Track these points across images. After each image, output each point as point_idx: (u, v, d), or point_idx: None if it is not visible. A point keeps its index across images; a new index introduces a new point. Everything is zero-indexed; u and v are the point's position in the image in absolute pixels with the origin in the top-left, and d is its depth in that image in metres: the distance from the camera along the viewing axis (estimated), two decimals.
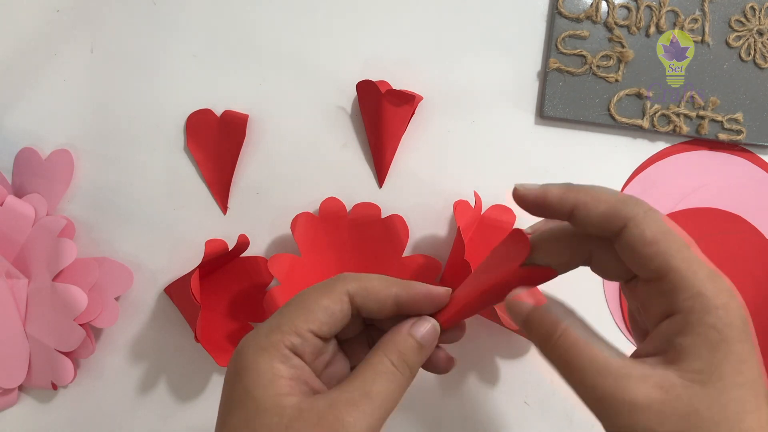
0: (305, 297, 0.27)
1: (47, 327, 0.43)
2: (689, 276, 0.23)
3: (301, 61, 0.47)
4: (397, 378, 0.26)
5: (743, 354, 0.23)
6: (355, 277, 0.27)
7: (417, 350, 0.28)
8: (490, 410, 0.46)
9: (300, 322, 0.26)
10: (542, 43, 0.47)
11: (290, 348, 0.25)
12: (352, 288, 0.27)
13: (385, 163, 0.46)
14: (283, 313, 0.26)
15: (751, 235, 0.47)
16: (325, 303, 0.26)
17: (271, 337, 0.25)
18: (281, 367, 0.25)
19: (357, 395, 0.25)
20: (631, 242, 0.24)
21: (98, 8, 0.47)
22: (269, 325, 0.26)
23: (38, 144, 0.46)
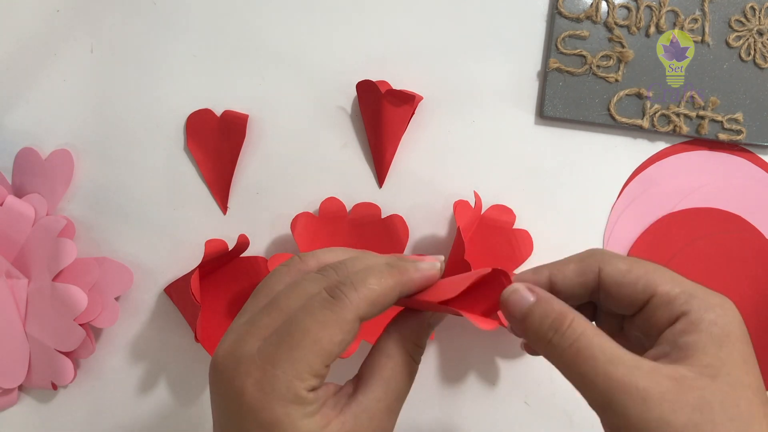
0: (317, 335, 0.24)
1: (47, 327, 0.43)
2: (677, 285, 0.25)
3: (301, 61, 0.47)
4: (415, 371, 0.27)
5: (746, 353, 0.23)
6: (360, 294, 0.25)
7: (427, 337, 0.28)
8: (490, 410, 0.46)
9: (317, 364, 0.24)
10: (542, 43, 0.47)
11: (312, 389, 0.24)
12: (362, 312, 0.25)
13: (385, 163, 0.46)
14: (295, 356, 0.24)
15: (751, 235, 0.47)
16: (340, 338, 0.24)
17: (293, 389, 0.23)
18: (311, 408, 0.24)
19: (392, 401, 0.26)
20: (612, 277, 0.26)
21: (98, 8, 0.47)
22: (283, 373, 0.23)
23: (38, 144, 0.46)
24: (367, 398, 0.25)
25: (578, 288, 0.27)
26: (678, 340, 0.24)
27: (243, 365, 0.24)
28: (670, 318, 0.25)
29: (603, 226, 0.47)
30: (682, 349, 0.23)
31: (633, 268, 0.26)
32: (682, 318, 0.24)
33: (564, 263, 0.27)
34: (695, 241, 0.47)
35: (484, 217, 0.46)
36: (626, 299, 0.26)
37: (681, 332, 0.24)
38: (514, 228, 0.46)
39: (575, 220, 0.47)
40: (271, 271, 0.28)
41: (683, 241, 0.47)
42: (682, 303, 0.24)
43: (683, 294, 0.25)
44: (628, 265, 0.26)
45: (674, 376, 0.23)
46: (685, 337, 0.24)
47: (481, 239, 0.46)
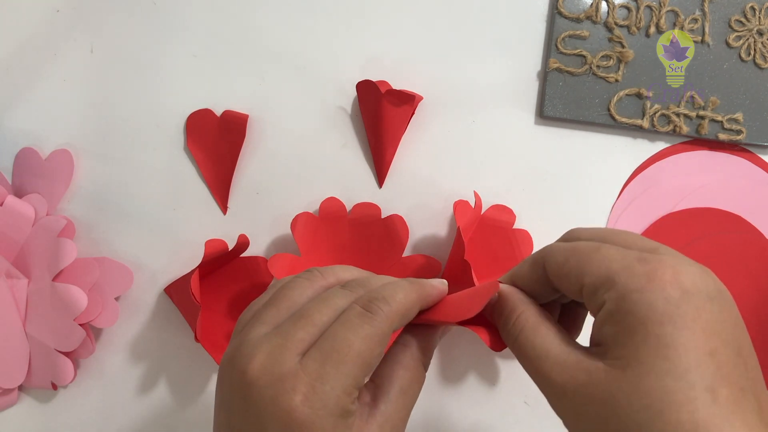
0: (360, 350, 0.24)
1: (47, 327, 0.43)
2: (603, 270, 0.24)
3: (301, 61, 0.47)
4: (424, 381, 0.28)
5: (668, 338, 0.22)
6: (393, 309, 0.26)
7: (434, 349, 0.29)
8: (490, 410, 0.46)
9: (361, 377, 0.25)
10: (542, 43, 0.47)
11: (353, 401, 0.25)
12: (395, 324, 0.26)
13: (385, 163, 0.46)
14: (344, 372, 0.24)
15: (751, 235, 0.47)
16: (379, 351, 0.25)
17: (341, 403, 0.24)
18: (354, 420, 0.25)
19: (409, 410, 0.27)
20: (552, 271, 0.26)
21: (98, 8, 0.47)
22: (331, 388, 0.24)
23: (38, 144, 0.46)
24: (388, 409, 0.26)
25: (536, 285, 0.27)
26: (600, 331, 0.24)
27: (288, 382, 0.24)
28: (596, 308, 0.24)
29: (603, 226, 0.47)
30: (602, 341, 0.24)
31: (569, 258, 0.25)
32: (602, 308, 0.24)
33: (521, 264, 0.28)
34: (695, 241, 0.47)
35: (484, 217, 0.46)
36: (568, 292, 0.26)
37: (601, 324, 0.24)
38: (514, 228, 0.46)
39: (575, 220, 0.47)
40: (288, 282, 0.28)
41: (683, 241, 0.47)
42: (603, 293, 0.24)
43: (606, 282, 0.24)
44: (564, 256, 0.26)
45: (588, 370, 0.23)
46: (604, 328, 0.23)
47: (481, 239, 0.46)
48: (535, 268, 0.27)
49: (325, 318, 0.25)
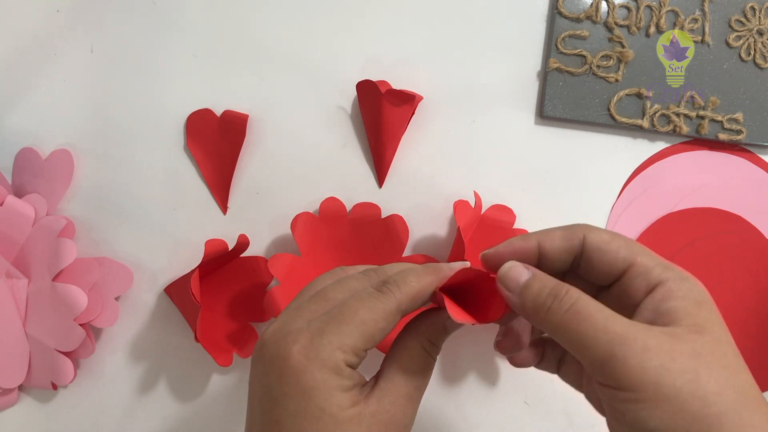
0: (364, 317, 0.26)
1: (47, 327, 0.43)
2: (653, 258, 0.27)
3: (301, 61, 0.47)
4: (432, 366, 0.29)
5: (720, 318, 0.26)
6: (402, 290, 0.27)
7: (445, 337, 0.30)
8: (490, 410, 0.46)
9: (361, 344, 0.26)
10: (542, 43, 0.47)
11: (349, 365, 0.26)
12: (403, 305, 0.27)
13: (385, 163, 0.46)
14: (343, 330, 0.26)
15: (751, 235, 0.47)
16: (383, 325, 0.27)
17: (335, 358, 0.26)
18: (347, 383, 0.26)
19: (411, 390, 0.28)
20: (596, 245, 0.28)
21: (98, 8, 0.47)
22: (329, 342, 0.26)
23: (38, 144, 0.46)
24: (388, 385, 0.28)
25: (564, 254, 0.28)
26: (660, 307, 0.25)
27: (291, 335, 0.26)
28: (647, 287, 0.26)
29: (603, 226, 0.47)
30: (665, 314, 0.25)
31: (614, 238, 0.28)
32: (659, 287, 0.26)
33: (551, 231, 0.29)
34: (695, 241, 0.47)
35: (484, 217, 0.46)
36: (606, 266, 0.27)
37: (661, 300, 0.25)
38: (514, 228, 0.46)
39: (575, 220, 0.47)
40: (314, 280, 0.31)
41: (683, 241, 0.47)
42: (659, 273, 0.26)
43: (659, 266, 0.26)
44: (610, 235, 0.28)
45: (668, 332, 0.24)
46: (666, 303, 0.25)
47: (481, 239, 0.46)
48: (571, 237, 0.28)
49: (340, 296, 0.28)
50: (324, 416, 0.25)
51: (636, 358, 0.23)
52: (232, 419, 0.46)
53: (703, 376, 0.23)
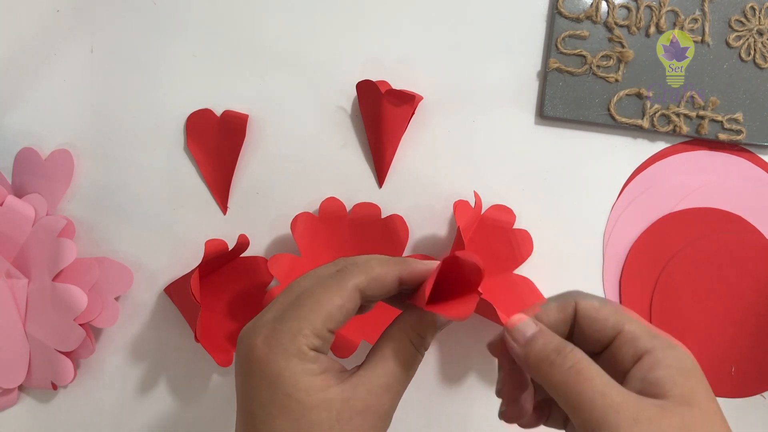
0: (319, 297, 0.27)
1: (47, 327, 0.43)
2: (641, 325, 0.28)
3: (301, 61, 0.47)
4: (418, 359, 0.29)
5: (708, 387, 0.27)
6: (360, 269, 0.28)
7: (433, 332, 0.30)
8: (490, 410, 0.46)
9: (319, 324, 0.26)
10: (542, 43, 0.47)
11: (314, 349, 0.26)
12: (361, 283, 0.28)
13: (385, 163, 0.46)
14: (299, 314, 0.27)
15: (751, 235, 0.47)
16: (339, 302, 0.27)
17: (296, 342, 0.26)
18: (313, 366, 0.26)
19: (391, 380, 0.27)
20: (586, 313, 0.29)
21: (98, 8, 0.47)
22: (288, 328, 0.26)
23: (38, 144, 0.46)
24: (367, 373, 0.27)
25: (560, 325, 0.29)
26: (647, 376, 0.26)
27: (257, 329, 0.27)
28: (635, 355, 0.27)
29: (603, 226, 0.47)
30: (653, 383, 0.26)
31: (603, 306, 0.29)
32: (646, 356, 0.27)
33: (548, 304, 0.30)
34: (695, 241, 0.47)
35: (484, 217, 0.46)
36: (597, 334, 0.28)
37: (648, 369, 0.26)
38: (514, 228, 0.46)
39: (575, 220, 0.47)
40: None
41: (683, 241, 0.47)
42: (646, 342, 0.27)
43: (646, 334, 0.27)
44: (600, 302, 0.29)
45: (657, 405, 0.25)
46: (654, 373, 0.26)
47: (481, 239, 0.46)
48: (563, 309, 0.29)
49: (306, 284, 0.28)
50: (291, 402, 0.26)
51: (628, 428, 0.24)
52: (232, 419, 0.46)
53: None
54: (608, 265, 0.47)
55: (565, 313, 0.29)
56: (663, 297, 0.46)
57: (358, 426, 0.26)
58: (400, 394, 0.28)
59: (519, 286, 0.46)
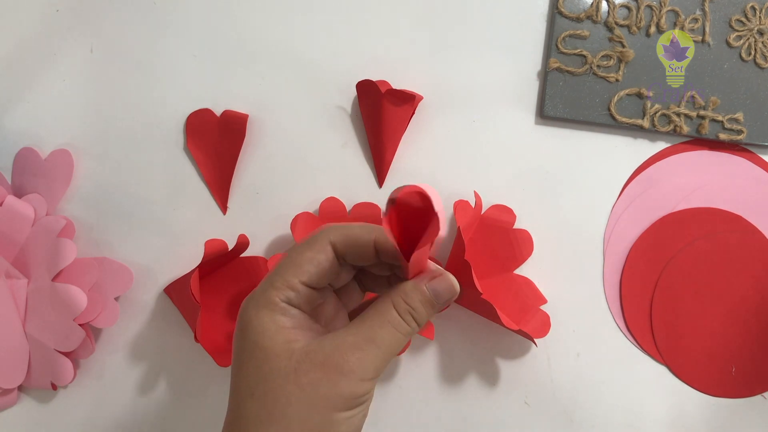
0: (292, 253, 0.28)
1: (47, 327, 0.43)
2: None
3: (301, 61, 0.47)
4: (402, 328, 0.28)
5: None
6: (337, 227, 0.29)
7: (428, 305, 0.28)
8: (490, 410, 0.46)
9: (290, 276, 0.27)
10: (542, 43, 0.47)
11: (286, 301, 0.27)
12: (333, 237, 0.28)
13: (385, 163, 0.46)
14: (275, 272, 0.28)
15: (751, 235, 0.47)
16: (310, 255, 0.28)
17: (267, 294, 0.27)
18: (283, 318, 0.27)
19: (361, 339, 0.27)
20: None
21: (98, 8, 0.47)
22: (263, 285, 0.28)
23: (38, 144, 0.46)
24: (339, 331, 0.27)
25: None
26: None
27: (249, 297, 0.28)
28: None
29: (603, 226, 0.47)
30: None
31: None
32: None
33: None
34: (695, 241, 0.47)
35: (484, 217, 0.46)
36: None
37: None
38: (514, 228, 0.46)
39: (575, 220, 0.47)
40: None
41: (683, 241, 0.47)
42: None
43: None
44: None
45: None
46: None
47: (481, 239, 0.46)
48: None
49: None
50: (256, 349, 0.26)
51: None
52: None
53: None
54: (608, 265, 0.47)
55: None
56: (663, 297, 0.46)
57: (316, 380, 0.25)
58: (376, 357, 0.26)
59: (519, 286, 0.46)
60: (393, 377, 0.46)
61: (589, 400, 0.45)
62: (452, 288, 0.28)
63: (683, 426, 0.46)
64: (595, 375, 0.46)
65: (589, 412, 0.46)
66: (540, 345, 0.46)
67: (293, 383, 0.25)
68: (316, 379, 0.25)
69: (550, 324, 0.45)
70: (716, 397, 0.46)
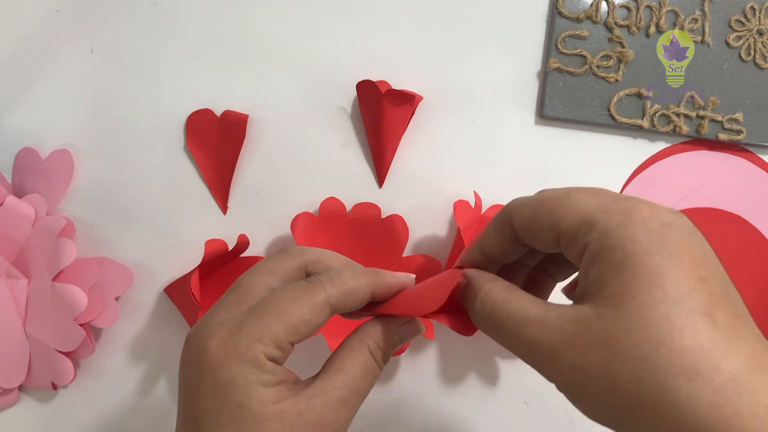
0: (286, 307, 0.25)
1: (47, 327, 0.43)
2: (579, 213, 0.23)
3: (301, 61, 0.47)
4: (376, 373, 0.27)
5: (658, 267, 0.21)
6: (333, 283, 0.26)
7: (395, 347, 0.28)
8: (490, 410, 0.46)
9: (283, 335, 0.25)
10: (542, 43, 0.47)
11: (272, 359, 0.25)
12: (332, 298, 0.26)
13: (385, 163, 0.46)
14: (263, 322, 0.25)
15: (751, 235, 0.47)
16: (308, 317, 0.25)
17: (253, 350, 0.24)
18: (268, 377, 0.25)
19: (347, 393, 0.26)
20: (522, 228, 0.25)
21: (98, 8, 0.47)
22: (248, 334, 0.25)
23: (38, 144, 0.46)
24: (323, 384, 0.26)
25: (506, 247, 0.27)
26: (588, 275, 0.22)
27: (211, 330, 0.25)
28: (578, 253, 0.23)
29: None
30: (592, 284, 0.22)
31: (538, 210, 0.24)
32: (585, 251, 0.23)
33: (486, 230, 0.27)
34: None
35: (484, 217, 0.46)
36: (542, 245, 0.25)
37: (587, 266, 0.22)
38: None
39: None
40: None
41: None
42: (583, 235, 0.23)
43: (584, 224, 0.23)
44: (532, 209, 0.25)
45: (578, 318, 0.22)
46: (591, 270, 0.22)
47: None
48: (501, 230, 0.26)
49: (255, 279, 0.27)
50: (242, 412, 0.24)
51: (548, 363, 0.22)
52: None
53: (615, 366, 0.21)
54: None
55: (503, 236, 0.26)
56: None
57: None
58: (357, 407, 0.27)
59: None
60: (393, 377, 0.46)
61: None
62: (418, 332, 0.28)
63: None
64: None
65: None
66: None
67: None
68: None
69: None
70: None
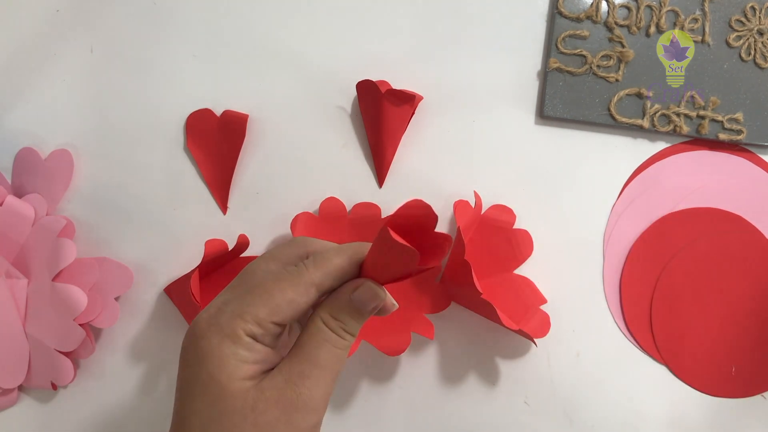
0: (270, 286, 0.26)
1: (47, 327, 0.43)
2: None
3: (301, 61, 0.47)
4: (339, 343, 0.28)
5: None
6: (318, 264, 0.27)
7: (356, 315, 0.28)
8: (490, 410, 0.46)
9: (263, 314, 0.26)
10: (542, 43, 0.47)
11: (251, 336, 0.26)
12: (317, 279, 0.27)
13: (385, 163, 0.46)
14: (246, 300, 0.26)
15: (751, 235, 0.47)
16: (291, 296, 0.26)
17: (233, 324, 0.25)
18: (245, 353, 0.25)
19: (306, 367, 0.26)
20: None
21: (98, 8, 0.47)
22: (231, 310, 0.26)
23: (38, 144, 0.46)
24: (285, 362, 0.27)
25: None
26: None
27: (207, 308, 0.27)
28: None
29: (603, 226, 0.47)
30: None
31: None
32: None
33: None
34: (695, 241, 0.47)
35: (484, 217, 0.46)
36: None
37: None
38: (514, 228, 0.46)
39: (575, 220, 0.47)
40: None
41: (683, 241, 0.47)
42: None
43: None
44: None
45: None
46: None
47: (481, 239, 0.46)
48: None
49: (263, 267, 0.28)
50: (212, 383, 0.25)
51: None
52: None
53: None
54: (608, 265, 0.47)
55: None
56: (663, 297, 0.46)
57: (275, 418, 0.25)
58: (324, 380, 0.27)
59: (519, 286, 0.46)
60: (393, 377, 0.46)
61: (589, 400, 0.46)
62: (376, 295, 0.28)
63: (683, 426, 0.46)
64: (595, 375, 0.46)
65: (589, 412, 0.46)
66: (540, 345, 0.46)
67: (251, 424, 0.25)
68: (273, 419, 0.25)
69: (549, 324, 0.45)
70: (716, 397, 0.46)
